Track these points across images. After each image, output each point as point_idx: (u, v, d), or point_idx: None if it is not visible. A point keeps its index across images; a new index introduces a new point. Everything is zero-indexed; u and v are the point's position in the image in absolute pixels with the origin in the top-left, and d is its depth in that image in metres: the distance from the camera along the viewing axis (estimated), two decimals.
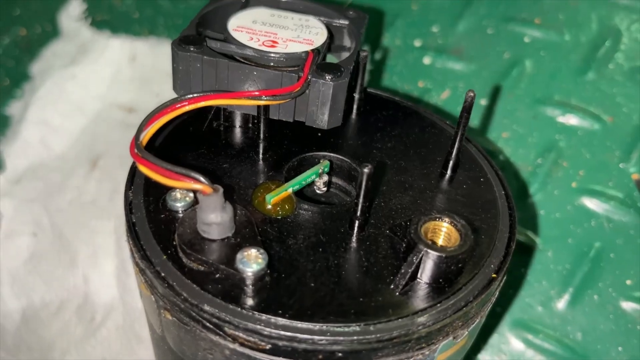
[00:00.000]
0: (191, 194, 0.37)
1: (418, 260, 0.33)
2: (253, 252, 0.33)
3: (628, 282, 0.54)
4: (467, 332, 0.35)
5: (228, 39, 0.42)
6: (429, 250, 0.32)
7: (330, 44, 0.46)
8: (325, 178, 0.40)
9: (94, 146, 0.73)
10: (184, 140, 0.42)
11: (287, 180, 0.40)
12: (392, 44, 0.69)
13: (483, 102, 0.64)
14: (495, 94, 0.64)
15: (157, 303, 0.35)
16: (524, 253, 0.57)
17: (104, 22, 0.79)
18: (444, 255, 0.32)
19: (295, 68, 0.40)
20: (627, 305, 0.53)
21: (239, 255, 0.33)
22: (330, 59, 0.44)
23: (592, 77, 0.62)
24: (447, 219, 0.34)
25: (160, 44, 0.74)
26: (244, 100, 0.37)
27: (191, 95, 0.37)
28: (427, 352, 0.33)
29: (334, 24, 0.46)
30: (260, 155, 0.41)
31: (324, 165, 0.40)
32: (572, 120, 0.61)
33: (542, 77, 0.63)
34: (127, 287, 0.66)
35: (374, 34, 0.69)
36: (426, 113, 0.47)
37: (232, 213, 0.34)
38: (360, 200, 0.35)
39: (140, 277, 0.35)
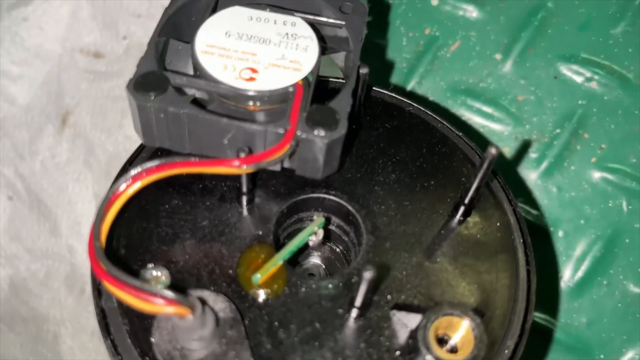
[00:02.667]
0: (166, 275, 0.32)
1: None
2: None
3: None
4: None
5: (197, 67, 0.34)
6: None
7: (324, 48, 0.37)
8: (321, 234, 0.35)
9: (61, 98, 0.66)
10: (158, 187, 0.36)
11: (276, 236, 0.35)
12: None
13: (498, 56, 0.56)
14: (511, 48, 0.55)
15: None
16: (533, 233, 0.53)
17: None
18: None
19: (282, 106, 0.33)
20: (636, 294, 0.51)
21: None
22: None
23: (626, 29, 0.53)
24: (463, 318, 0.30)
25: None
26: (223, 168, 0.31)
27: (153, 165, 0.31)
28: None
29: (326, 25, 0.37)
30: (244, 209, 0.36)
31: (318, 224, 0.34)
32: (597, 82, 0.53)
33: (568, 28, 0.54)
34: None
35: None
36: (436, 122, 0.41)
37: (212, 325, 0.29)
38: (361, 298, 0.30)
39: None
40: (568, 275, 0.53)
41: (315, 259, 0.40)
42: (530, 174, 0.54)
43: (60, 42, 0.65)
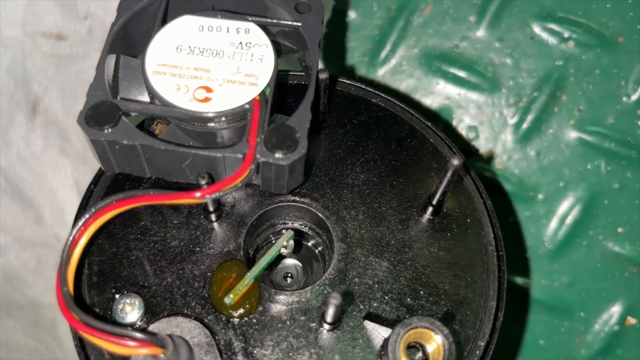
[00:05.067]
0: (140, 302, 0.33)
1: None
2: None
3: (620, 229, 0.52)
4: None
5: (149, 90, 0.33)
6: None
7: (279, 50, 0.36)
8: (292, 245, 0.35)
9: (28, 85, 0.64)
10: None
11: (246, 250, 0.35)
12: None
13: (472, 18, 0.54)
14: (486, 9, 0.53)
15: None
16: (513, 198, 0.54)
17: None
18: None
19: (241, 125, 0.32)
20: (615, 253, 0.52)
21: None
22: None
23: None
24: (434, 332, 0.30)
25: None
26: (183, 200, 0.31)
27: (111, 200, 0.30)
28: None
29: (281, 26, 0.36)
30: (213, 225, 0.35)
31: (287, 238, 0.34)
32: (575, 41, 0.52)
33: None
34: None
35: None
36: (404, 113, 0.40)
37: (187, 355, 0.30)
38: (330, 318, 0.31)
39: None
40: (548, 238, 0.53)
41: (292, 259, 0.40)
42: (509, 139, 0.53)
43: (20, 26, 0.63)
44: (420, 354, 0.32)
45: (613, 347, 0.52)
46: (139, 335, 0.28)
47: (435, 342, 0.31)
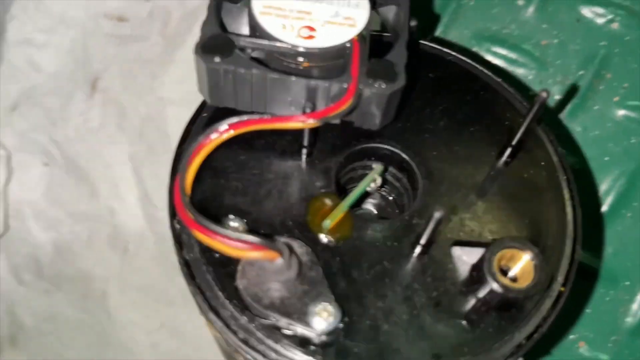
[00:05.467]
0: (244, 224, 0.35)
1: (492, 297, 0.32)
2: (325, 306, 0.32)
3: None
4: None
5: (256, 29, 0.35)
6: (507, 292, 0.32)
7: (373, 3, 0.39)
8: (379, 181, 0.38)
9: (89, 64, 0.67)
10: (224, 146, 0.37)
11: (338, 185, 0.38)
12: None
13: (520, 2, 0.57)
14: None
15: (227, 343, 0.35)
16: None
17: None
18: (520, 297, 0.32)
19: (341, 62, 0.35)
20: None
21: (310, 309, 0.32)
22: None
23: None
24: (523, 250, 0.33)
25: None
26: (292, 124, 0.33)
27: (235, 121, 0.33)
28: None
29: None
30: (305, 161, 0.38)
31: (378, 171, 0.37)
32: (619, 23, 0.55)
33: None
34: (154, 217, 0.66)
35: None
36: (476, 70, 0.43)
37: (297, 267, 0.32)
38: (426, 235, 0.33)
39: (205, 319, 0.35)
40: (593, 210, 0.56)
41: (368, 206, 0.43)
42: (556, 116, 0.56)
43: (84, 8, 0.66)
44: (508, 277, 0.34)
45: None
46: (258, 238, 0.30)
47: (525, 260, 0.33)
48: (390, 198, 0.42)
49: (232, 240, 0.30)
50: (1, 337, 0.67)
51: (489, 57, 0.57)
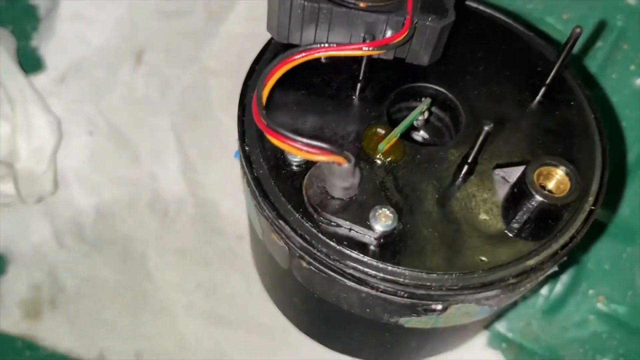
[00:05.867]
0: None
1: (533, 207, 0.36)
2: (384, 211, 0.36)
3: None
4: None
5: None
6: (545, 200, 0.35)
7: None
8: (426, 115, 0.42)
9: (134, 38, 0.71)
10: (285, 82, 0.41)
11: (389, 117, 0.42)
12: None
13: None
14: None
15: (290, 252, 0.38)
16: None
17: None
18: (558, 205, 0.35)
19: (387, 3, 0.39)
20: None
21: (371, 214, 0.36)
22: None
23: None
24: (558, 166, 0.36)
25: None
26: (355, 51, 0.37)
27: (308, 47, 0.37)
28: (534, 282, 0.38)
29: None
30: (358, 94, 0.42)
31: (426, 104, 0.41)
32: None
33: None
34: (194, 182, 0.70)
35: None
36: (510, 25, 0.47)
37: (360, 175, 0.36)
38: (475, 151, 0.37)
39: (269, 231, 0.38)
40: (613, 169, 0.59)
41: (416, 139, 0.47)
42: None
43: None
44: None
45: None
46: (327, 145, 0.34)
47: (560, 174, 0.37)
48: (432, 136, 0.46)
49: (308, 146, 0.34)
50: (42, 299, 0.70)
51: None
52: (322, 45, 0.37)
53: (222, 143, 0.68)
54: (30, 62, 0.72)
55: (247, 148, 0.40)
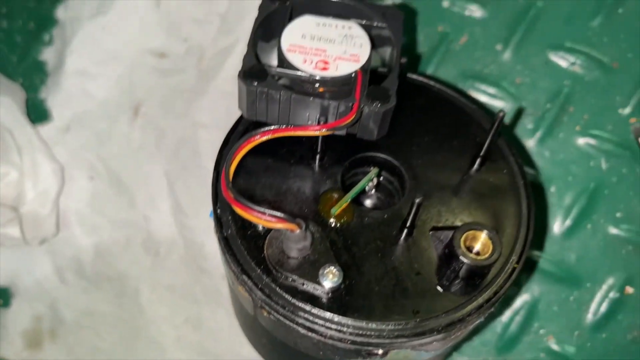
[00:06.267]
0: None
1: (460, 267, 0.42)
2: (331, 269, 0.42)
3: (618, 214, 0.64)
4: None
5: (284, 61, 0.47)
6: (470, 262, 0.42)
7: (373, 45, 0.50)
8: (375, 181, 0.48)
9: (133, 93, 0.78)
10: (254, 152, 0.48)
11: (342, 184, 0.48)
12: None
13: (499, 47, 0.69)
14: (509, 40, 0.68)
15: (254, 302, 0.45)
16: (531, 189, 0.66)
17: None
18: (482, 265, 0.42)
19: (347, 88, 0.46)
20: (615, 234, 0.64)
21: (320, 272, 0.42)
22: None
23: (601, 22, 0.66)
24: (482, 230, 0.43)
25: None
26: (310, 132, 0.44)
27: (267, 129, 0.44)
28: (463, 331, 0.44)
29: (373, 27, 0.50)
30: (317, 164, 0.48)
31: (374, 173, 0.47)
32: (580, 66, 0.66)
33: (554, 22, 0.67)
34: (184, 225, 0.76)
35: None
36: (454, 98, 0.53)
37: (311, 239, 0.42)
38: (410, 217, 0.43)
39: (236, 283, 0.45)
40: (560, 222, 0.66)
41: (366, 203, 0.53)
42: (528, 142, 0.67)
43: (132, 45, 0.78)
44: (474, 252, 0.44)
45: (615, 313, 0.64)
46: (282, 213, 0.40)
47: (484, 237, 0.43)
48: (383, 198, 0.52)
49: (265, 215, 0.40)
50: (43, 330, 0.76)
51: (473, 92, 0.69)
52: (283, 127, 0.43)
53: (209, 190, 0.74)
54: (37, 113, 0.79)
55: (219, 211, 0.46)
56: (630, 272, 0.64)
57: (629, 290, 0.64)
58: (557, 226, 0.66)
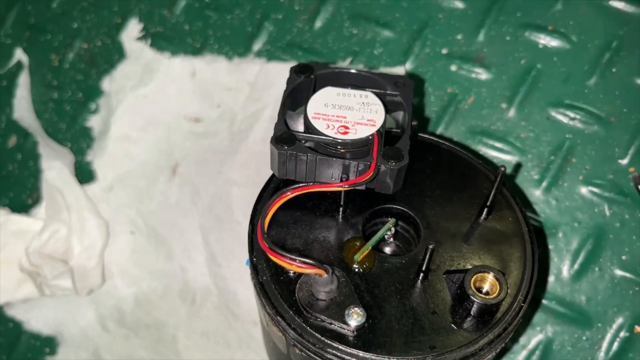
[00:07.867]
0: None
1: (471, 306, 0.47)
2: (356, 310, 0.47)
3: (623, 257, 0.69)
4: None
5: (309, 127, 0.53)
6: (480, 301, 0.47)
7: (387, 110, 0.57)
8: (393, 230, 0.54)
9: (171, 154, 0.86)
10: (284, 206, 0.54)
11: (363, 233, 0.54)
12: (422, 52, 0.79)
13: (504, 105, 0.75)
14: (513, 99, 0.75)
15: (287, 340, 0.50)
16: (539, 235, 0.71)
17: (160, 37, 0.88)
18: (490, 303, 0.47)
19: (366, 149, 0.52)
20: (621, 276, 0.68)
21: (346, 312, 0.47)
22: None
23: (597, 80, 0.73)
24: (490, 273, 0.48)
25: (215, 60, 0.84)
26: (334, 188, 0.50)
27: (296, 186, 0.50)
28: None
29: (387, 95, 0.57)
30: (340, 216, 0.55)
31: (392, 223, 0.53)
32: (579, 121, 0.72)
33: (554, 82, 0.74)
34: (218, 274, 0.82)
35: (407, 43, 0.79)
36: (463, 155, 0.60)
37: (337, 282, 0.48)
38: (425, 262, 0.49)
39: (271, 324, 0.50)
40: (568, 266, 0.70)
41: (386, 250, 0.59)
42: (535, 192, 0.72)
43: (170, 112, 0.86)
44: (483, 292, 0.49)
45: (626, 351, 0.67)
46: (309, 260, 0.46)
47: (491, 279, 0.48)
48: (401, 246, 0.58)
49: (296, 262, 0.46)
50: None
51: (482, 146, 0.75)
52: (310, 184, 0.50)
53: (241, 242, 0.80)
54: (84, 174, 0.87)
55: (254, 259, 0.52)
56: (638, 311, 0.67)
57: (638, 329, 0.67)
58: (565, 269, 0.70)
